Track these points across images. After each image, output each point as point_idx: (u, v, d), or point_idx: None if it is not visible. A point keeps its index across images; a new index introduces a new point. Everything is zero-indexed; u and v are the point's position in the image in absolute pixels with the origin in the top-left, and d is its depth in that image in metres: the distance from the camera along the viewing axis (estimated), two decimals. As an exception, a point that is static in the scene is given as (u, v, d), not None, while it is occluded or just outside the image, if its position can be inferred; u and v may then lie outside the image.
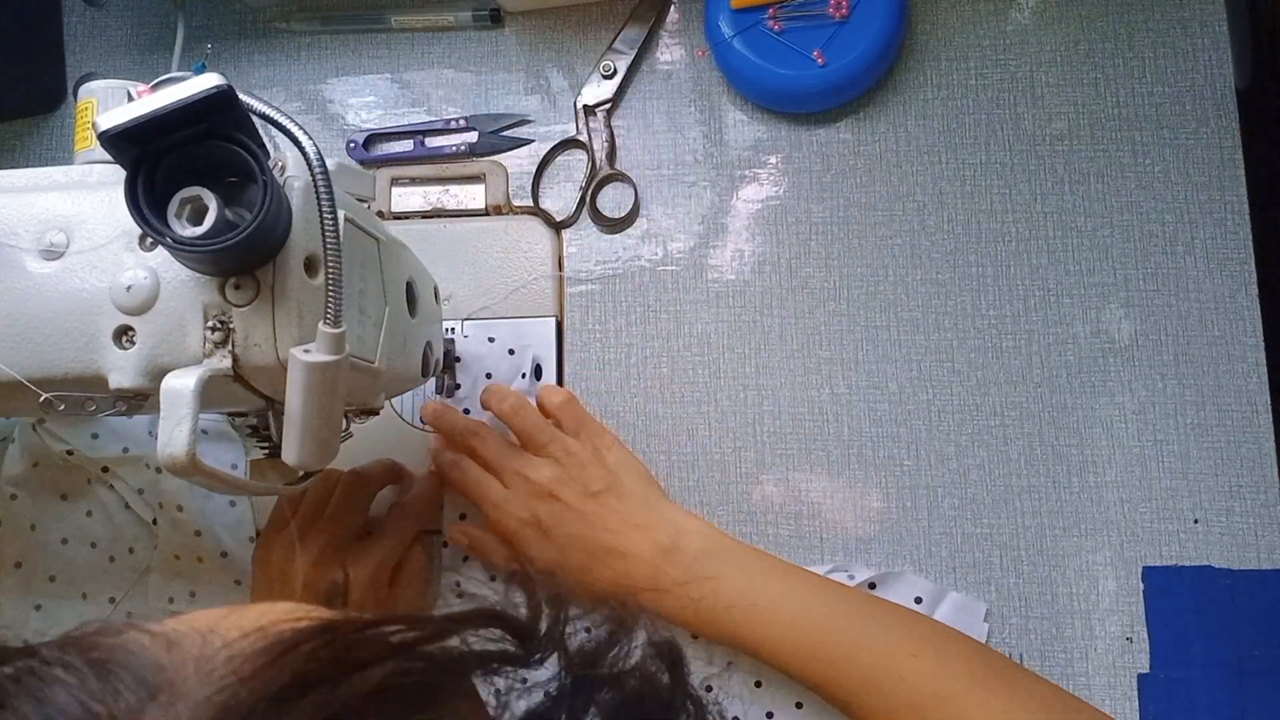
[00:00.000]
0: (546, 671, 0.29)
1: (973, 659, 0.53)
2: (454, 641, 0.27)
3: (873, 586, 0.61)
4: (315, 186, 0.39)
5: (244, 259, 0.40)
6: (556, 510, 0.58)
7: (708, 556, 0.57)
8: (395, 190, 0.69)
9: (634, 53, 0.69)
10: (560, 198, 0.69)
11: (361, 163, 0.69)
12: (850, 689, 0.53)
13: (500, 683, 0.28)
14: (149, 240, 0.42)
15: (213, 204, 0.37)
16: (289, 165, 0.42)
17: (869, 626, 0.54)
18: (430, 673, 0.26)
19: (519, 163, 0.69)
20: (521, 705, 0.29)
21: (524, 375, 0.65)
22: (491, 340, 0.65)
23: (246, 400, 0.44)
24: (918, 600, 0.60)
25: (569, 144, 0.69)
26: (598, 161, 0.68)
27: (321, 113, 0.72)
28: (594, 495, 0.59)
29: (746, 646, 0.56)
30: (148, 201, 0.37)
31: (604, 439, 0.61)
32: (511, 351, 0.66)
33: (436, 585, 0.64)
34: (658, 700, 0.30)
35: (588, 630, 0.30)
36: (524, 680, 0.29)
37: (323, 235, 0.39)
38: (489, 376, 0.65)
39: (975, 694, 0.51)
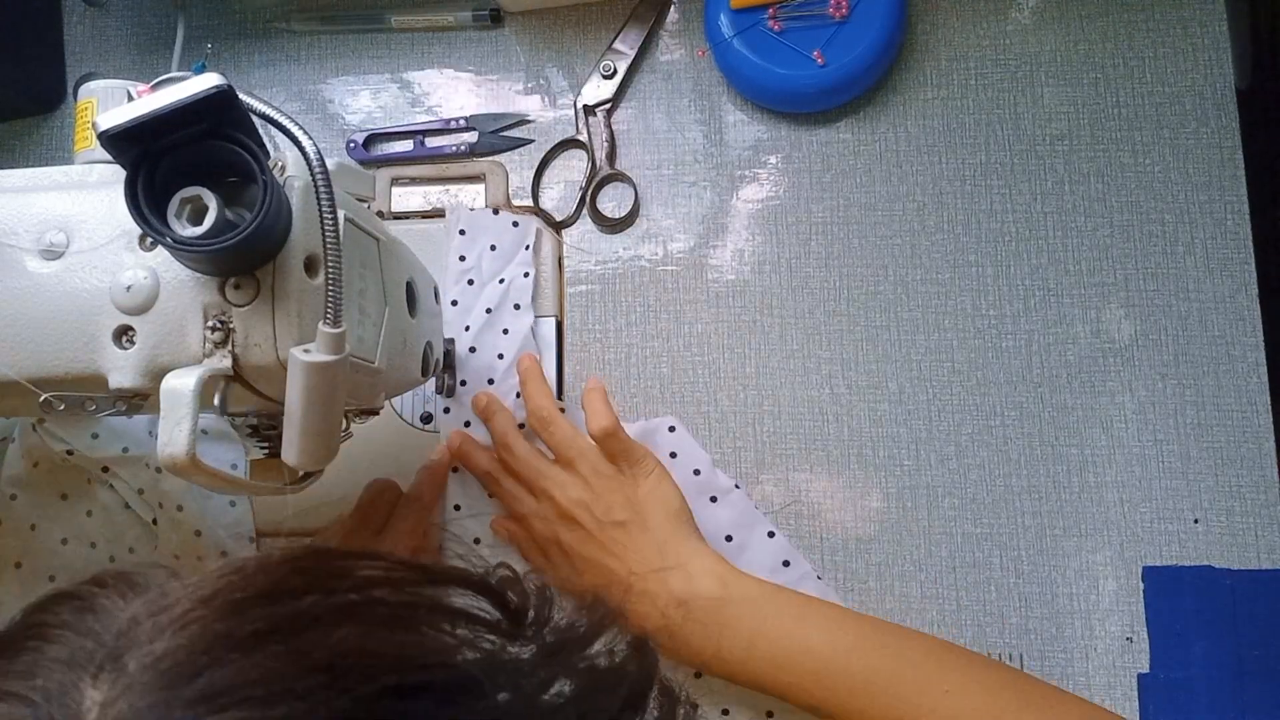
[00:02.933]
0: (527, 651, 0.30)
1: (1004, 691, 0.51)
2: (438, 592, 0.28)
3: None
4: (315, 186, 0.38)
5: (244, 259, 0.40)
6: (577, 535, 0.58)
7: (723, 606, 0.55)
8: (395, 190, 0.69)
9: (634, 53, 0.69)
10: (560, 198, 0.69)
11: (361, 163, 0.69)
12: None
13: (480, 641, 0.29)
14: (149, 240, 0.42)
15: (213, 204, 0.37)
16: (289, 165, 0.42)
17: (898, 663, 0.52)
18: (405, 607, 0.27)
19: (519, 163, 0.69)
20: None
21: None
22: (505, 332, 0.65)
23: (246, 400, 0.44)
24: (785, 564, 0.60)
25: (569, 144, 0.69)
26: (598, 161, 0.68)
27: (321, 113, 0.72)
28: (615, 524, 0.57)
29: (769, 691, 0.54)
30: (148, 201, 0.37)
31: (643, 465, 0.59)
32: (515, 224, 0.66)
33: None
34: (626, 683, 0.30)
35: (570, 625, 0.31)
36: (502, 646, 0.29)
37: (323, 235, 0.39)
38: (490, 382, 0.65)
39: None
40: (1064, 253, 0.64)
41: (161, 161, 0.37)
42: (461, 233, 0.66)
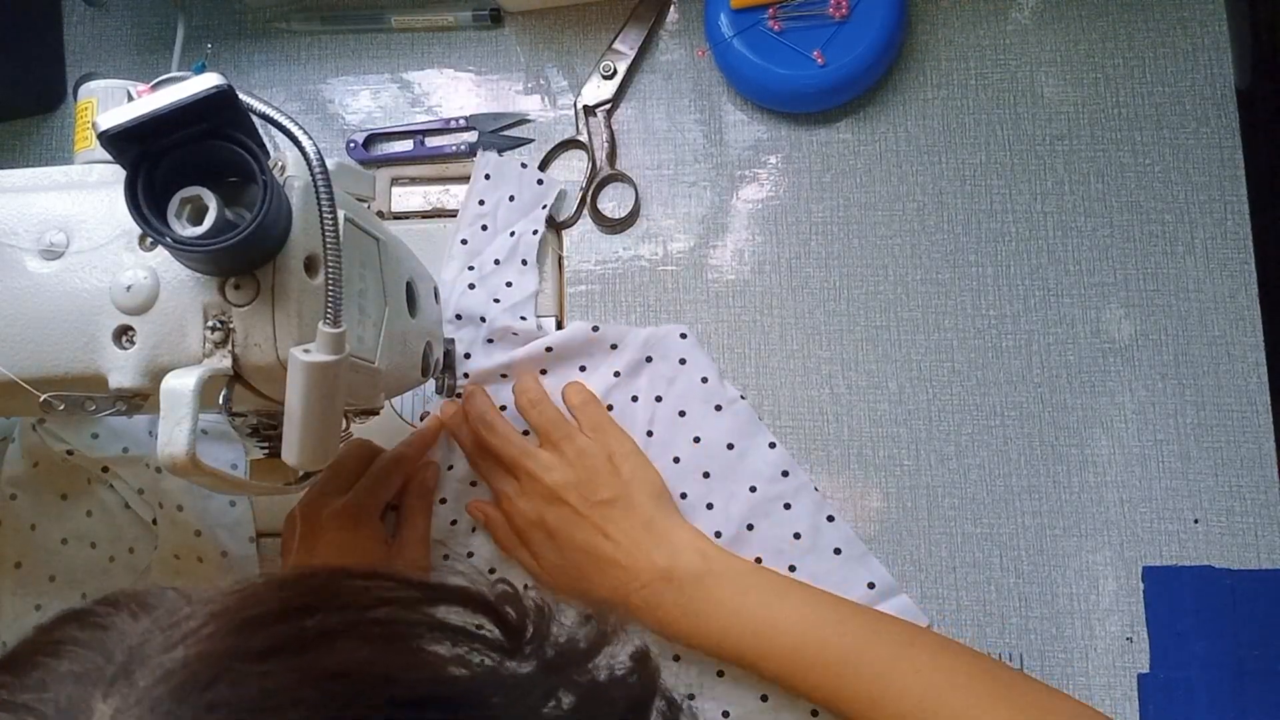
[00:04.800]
0: (527, 667, 0.30)
1: (976, 672, 0.53)
2: (439, 610, 0.29)
3: (837, 553, 0.61)
4: (315, 186, 0.38)
5: (244, 259, 0.40)
6: (564, 514, 0.59)
7: (705, 578, 0.57)
8: (395, 190, 0.69)
9: (634, 53, 0.69)
10: (560, 198, 0.69)
11: (361, 163, 0.69)
12: (854, 705, 0.53)
13: (479, 658, 0.29)
14: (149, 240, 0.42)
15: (213, 204, 0.37)
16: (289, 165, 0.42)
17: (871, 642, 0.54)
18: (409, 625, 0.28)
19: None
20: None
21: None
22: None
23: (246, 400, 0.44)
24: (870, 586, 0.61)
25: (569, 144, 0.69)
26: (598, 161, 0.68)
27: (321, 113, 0.72)
28: (601, 503, 0.58)
29: (747, 664, 0.56)
30: (148, 201, 0.37)
31: (622, 445, 0.61)
32: (540, 181, 0.67)
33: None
34: (628, 695, 0.30)
35: (570, 639, 0.31)
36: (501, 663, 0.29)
37: (323, 235, 0.39)
38: (505, 375, 0.65)
39: (980, 707, 0.51)
40: (1064, 253, 0.64)
41: (161, 161, 0.37)
42: (486, 177, 0.67)
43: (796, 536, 0.61)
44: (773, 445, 0.63)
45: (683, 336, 0.65)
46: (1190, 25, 0.66)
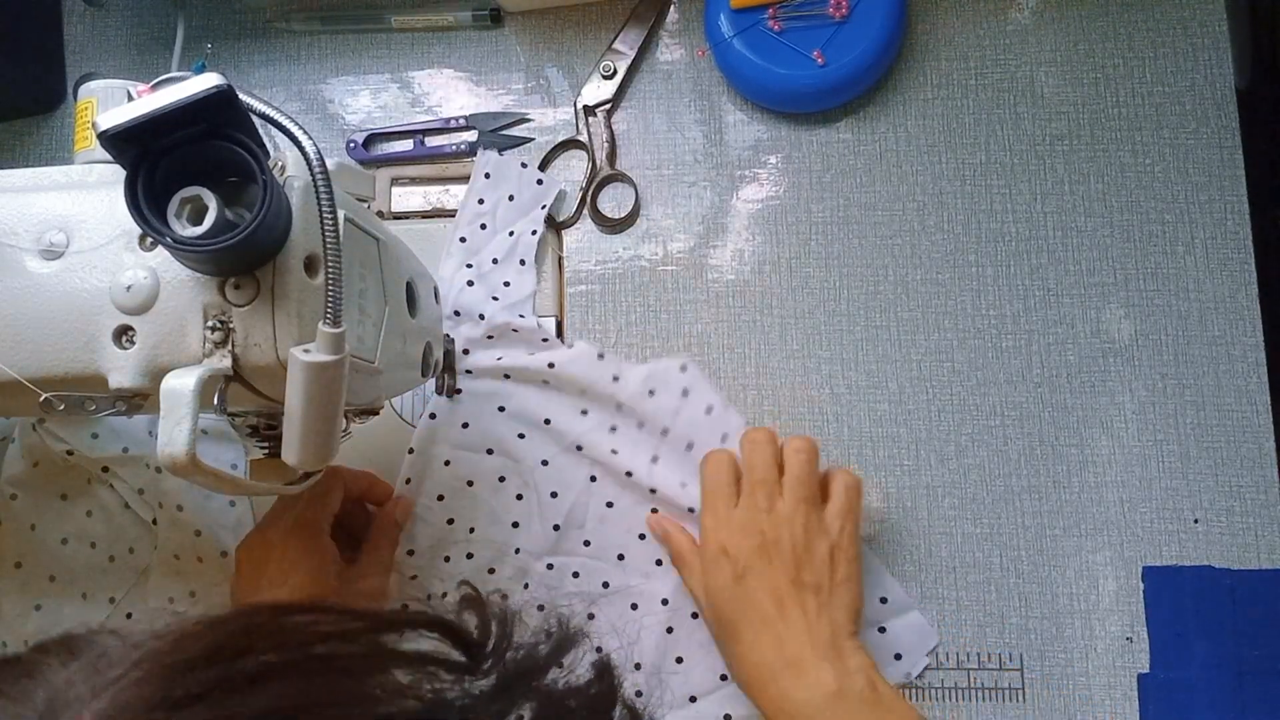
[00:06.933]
0: (485, 684, 0.30)
1: None
2: (391, 637, 0.28)
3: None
4: (315, 186, 0.38)
5: (244, 259, 0.40)
6: (760, 567, 0.55)
7: (871, 705, 0.52)
8: (395, 190, 0.69)
9: (634, 53, 0.69)
10: (560, 198, 0.69)
11: (361, 163, 0.69)
12: None
13: (430, 684, 0.28)
14: (149, 240, 0.42)
15: (213, 204, 0.37)
16: (289, 165, 0.42)
17: None
18: (352, 659, 0.27)
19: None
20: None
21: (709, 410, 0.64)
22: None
23: (246, 400, 0.44)
24: (883, 600, 0.60)
25: (569, 144, 0.69)
26: (598, 161, 0.68)
27: (321, 113, 0.72)
28: (803, 585, 0.55)
29: None
30: (148, 201, 0.37)
31: (850, 545, 0.56)
32: (540, 181, 0.67)
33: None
34: (587, 704, 0.30)
35: (531, 648, 0.31)
36: (458, 681, 0.29)
37: (323, 235, 0.39)
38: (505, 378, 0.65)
39: None
40: (1064, 253, 0.64)
41: (161, 161, 0.37)
42: (486, 176, 0.67)
43: None
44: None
45: (683, 369, 0.64)
46: (1190, 25, 0.66)
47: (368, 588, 0.59)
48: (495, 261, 0.66)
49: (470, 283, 0.65)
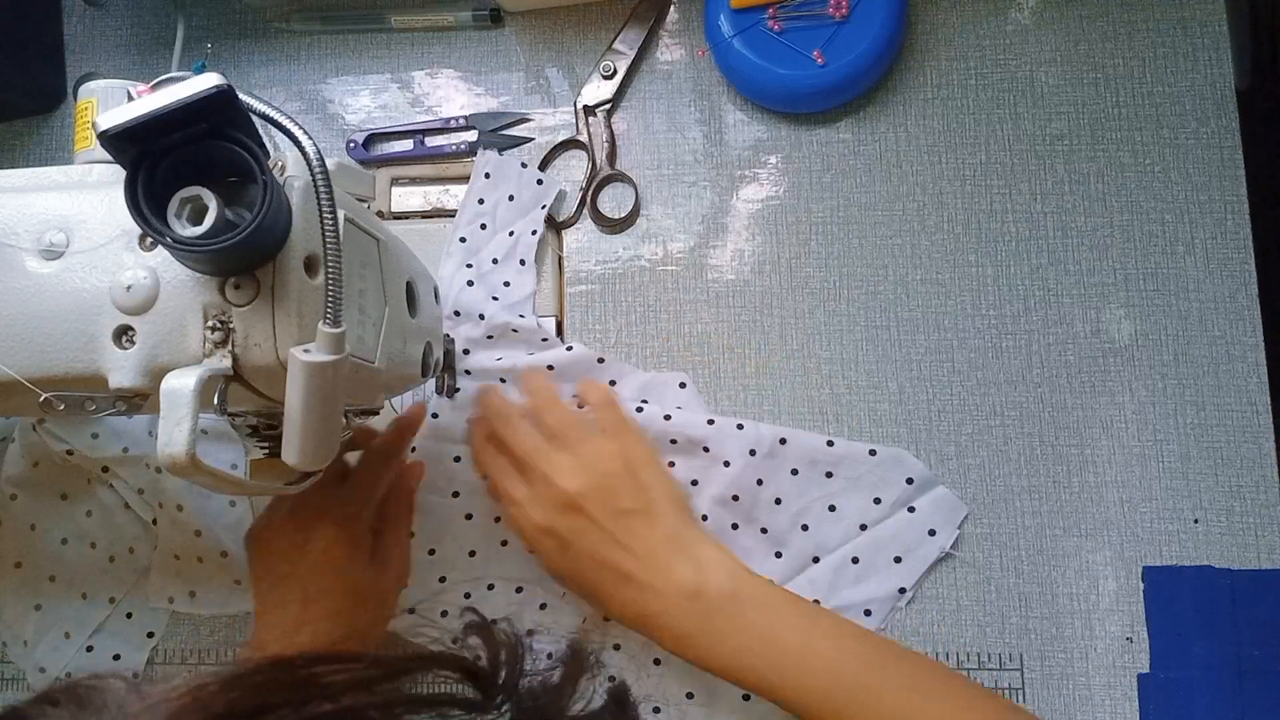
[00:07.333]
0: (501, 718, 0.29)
1: (988, 713, 0.51)
2: (405, 682, 0.28)
3: (872, 454, 0.62)
4: (315, 186, 0.38)
5: (244, 259, 0.40)
6: (579, 525, 0.55)
7: (731, 600, 0.53)
8: (395, 190, 0.69)
9: (634, 53, 0.69)
10: (560, 198, 0.69)
11: (361, 163, 0.69)
12: None
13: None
14: (149, 240, 0.42)
15: (213, 204, 0.37)
16: (289, 165, 0.42)
17: (888, 675, 0.51)
18: (381, 710, 0.27)
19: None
20: None
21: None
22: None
23: (246, 400, 0.44)
24: (909, 481, 0.61)
25: (569, 144, 0.69)
26: (598, 161, 0.68)
27: (321, 113, 0.72)
28: (623, 514, 0.55)
29: (763, 690, 0.53)
30: (148, 201, 0.37)
31: (641, 451, 0.58)
32: (540, 181, 0.67)
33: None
34: None
35: (541, 675, 0.31)
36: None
37: (323, 235, 0.39)
38: (503, 381, 0.65)
39: None
40: (1064, 253, 0.64)
41: (161, 161, 0.37)
42: (486, 176, 0.67)
43: (830, 444, 0.62)
44: (795, 472, 0.62)
45: (682, 386, 0.64)
46: (1190, 25, 0.66)
47: (391, 581, 0.59)
48: (495, 261, 0.66)
49: (470, 283, 0.65)
